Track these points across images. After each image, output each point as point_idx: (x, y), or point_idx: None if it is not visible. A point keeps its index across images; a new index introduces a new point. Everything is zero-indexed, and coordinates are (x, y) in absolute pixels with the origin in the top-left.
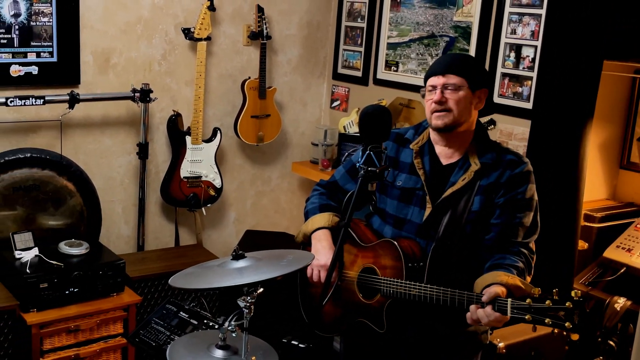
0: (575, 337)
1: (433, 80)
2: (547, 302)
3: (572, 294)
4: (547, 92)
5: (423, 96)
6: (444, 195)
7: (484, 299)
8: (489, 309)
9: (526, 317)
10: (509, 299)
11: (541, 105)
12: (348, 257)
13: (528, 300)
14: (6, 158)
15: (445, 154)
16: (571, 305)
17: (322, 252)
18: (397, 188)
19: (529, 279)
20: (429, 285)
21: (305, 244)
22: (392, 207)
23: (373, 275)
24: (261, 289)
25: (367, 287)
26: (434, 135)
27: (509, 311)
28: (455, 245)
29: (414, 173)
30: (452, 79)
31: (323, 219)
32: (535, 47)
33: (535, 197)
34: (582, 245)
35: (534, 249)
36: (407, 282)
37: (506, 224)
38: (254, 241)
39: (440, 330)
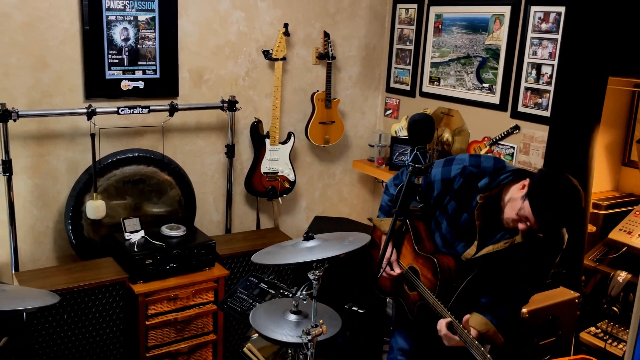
0: None
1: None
2: None
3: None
4: (562, 102)
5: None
6: (482, 252)
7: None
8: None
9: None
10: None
11: (557, 114)
12: (405, 249)
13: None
14: (118, 157)
15: (507, 211)
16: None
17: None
18: (456, 221)
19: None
20: (448, 312)
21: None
22: (447, 232)
23: (415, 277)
24: (327, 264)
25: (410, 282)
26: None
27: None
28: (485, 280)
29: (472, 216)
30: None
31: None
32: (553, 65)
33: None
34: (591, 228)
35: None
36: (436, 299)
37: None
38: (321, 225)
39: None
